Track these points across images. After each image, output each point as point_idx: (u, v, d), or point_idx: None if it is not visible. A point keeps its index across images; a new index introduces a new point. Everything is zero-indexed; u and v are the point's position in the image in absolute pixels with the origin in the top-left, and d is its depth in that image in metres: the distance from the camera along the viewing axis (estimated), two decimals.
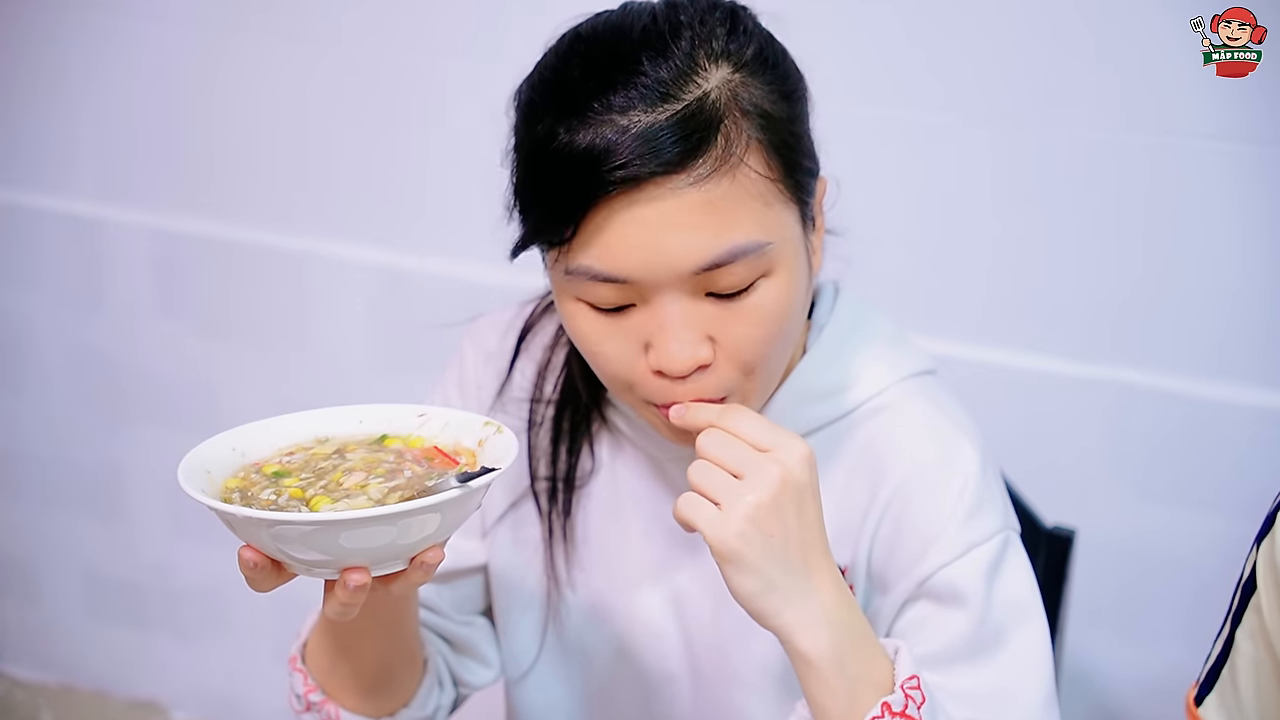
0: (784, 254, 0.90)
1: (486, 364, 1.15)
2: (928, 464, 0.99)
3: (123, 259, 2.15)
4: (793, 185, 0.90)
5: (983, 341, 1.71)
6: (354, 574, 0.80)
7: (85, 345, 2.23)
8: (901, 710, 0.85)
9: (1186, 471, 1.66)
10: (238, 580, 2.48)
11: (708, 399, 0.91)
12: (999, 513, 1.00)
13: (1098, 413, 1.68)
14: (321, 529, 0.78)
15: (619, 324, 0.91)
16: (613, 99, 0.85)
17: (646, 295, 0.89)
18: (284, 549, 0.80)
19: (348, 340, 2.06)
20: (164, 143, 2.07)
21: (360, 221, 2.01)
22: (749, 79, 0.89)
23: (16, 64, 2.11)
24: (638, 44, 0.87)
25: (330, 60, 1.93)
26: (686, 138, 0.84)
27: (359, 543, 0.79)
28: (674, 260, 0.86)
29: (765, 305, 0.89)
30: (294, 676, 1.05)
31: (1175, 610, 1.69)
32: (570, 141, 0.86)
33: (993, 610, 0.96)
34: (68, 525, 2.37)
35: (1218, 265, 1.59)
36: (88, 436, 2.29)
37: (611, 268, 0.87)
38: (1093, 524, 1.59)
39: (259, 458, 0.90)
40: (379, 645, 1.01)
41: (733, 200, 0.86)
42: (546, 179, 0.88)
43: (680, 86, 0.86)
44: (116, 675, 2.44)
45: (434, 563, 0.84)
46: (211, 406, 2.18)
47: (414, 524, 0.80)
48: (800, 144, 0.92)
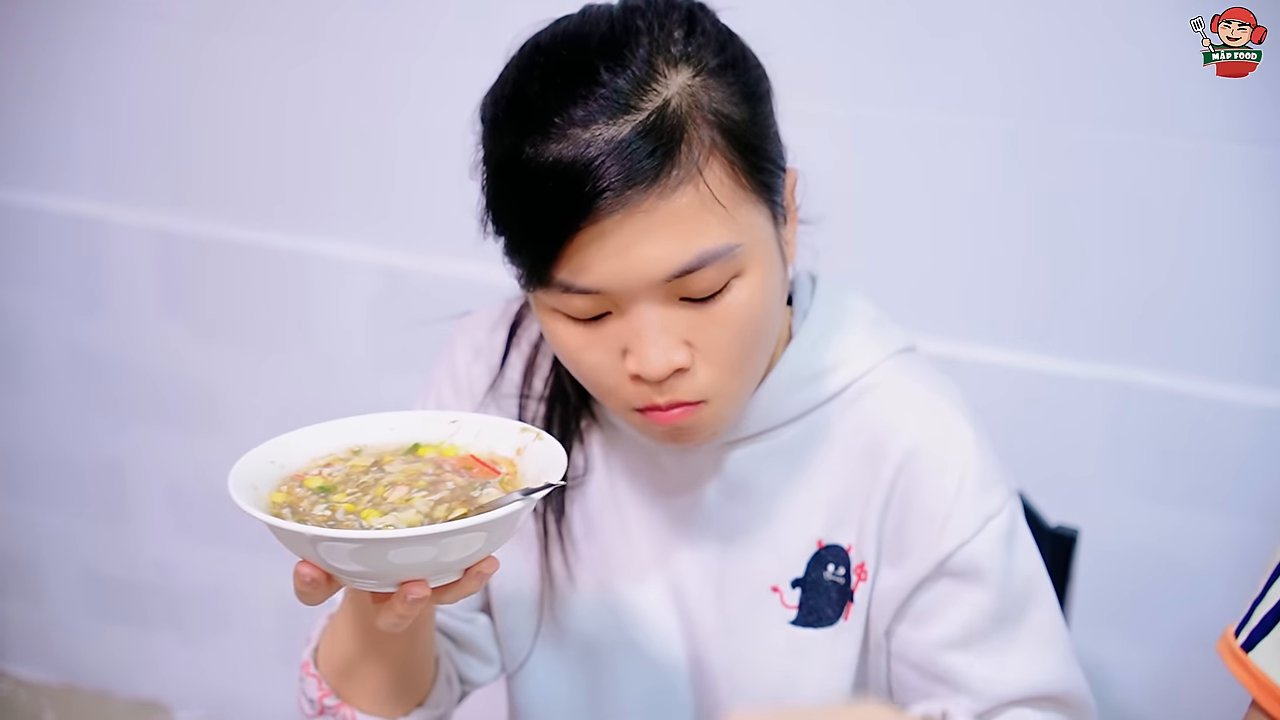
0: (754, 253, 0.91)
1: (477, 358, 1.15)
2: (927, 441, 1.00)
3: (123, 259, 2.15)
4: (759, 184, 0.91)
5: (987, 341, 1.70)
6: (414, 587, 0.81)
7: (86, 345, 2.23)
8: None
9: (1190, 471, 1.65)
10: (240, 580, 2.49)
11: (687, 402, 0.92)
12: (1002, 480, 1.02)
13: (1102, 413, 1.67)
14: (386, 545, 0.78)
15: (597, 332, 0.92)
16: (574, 112, 0.85)
17: (621, 304, 0.90)
18: (336, 564, 0.81)
19: (348, 340, 2.06)
20: (165, 142, 2.07)
21: (361, 221, 2.01)
22: (709, 81, 0.89)
23: (17, 63, 2.11)
24: (595, 53, 0.88)
25: (332, 60, 1.93)
26: (651, 153, 0.85)
27: (414, 558, 0.79)
28: (644, 271, 0.87)
29: (739, 305, 0.91)
30: (306, 681, 1.05)
31: (1179, 610, 1.69)
32: (535, 157, 0.86)
33: (1012, 582, 0.99)
34: (70, 525, 2.37)
35: (1222, 265, 1.59)
36: (89, 436, 2.29)
37: (585, 281, 0.88)
38: (1096, 524, 1.59)
39: (296, 469, 0.90)
40: (403, 648, 1.02)
41: (699, 207, 0.87)
42: (514, 197, 0.89)
43: (640, 96, 0.86)
44: (119, 675, 2.45)
45: (489, 572, 0.84)
46: (212, 406, 2.18)
47: (471, 540, 0.80)
48: (764, 142, 0.93)
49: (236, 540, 2.25)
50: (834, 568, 1.04)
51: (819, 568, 1.04)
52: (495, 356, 1.14)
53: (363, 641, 1.01)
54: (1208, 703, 1.64)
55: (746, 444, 1.05)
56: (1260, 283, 1.58)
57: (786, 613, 1.05)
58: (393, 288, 2.00)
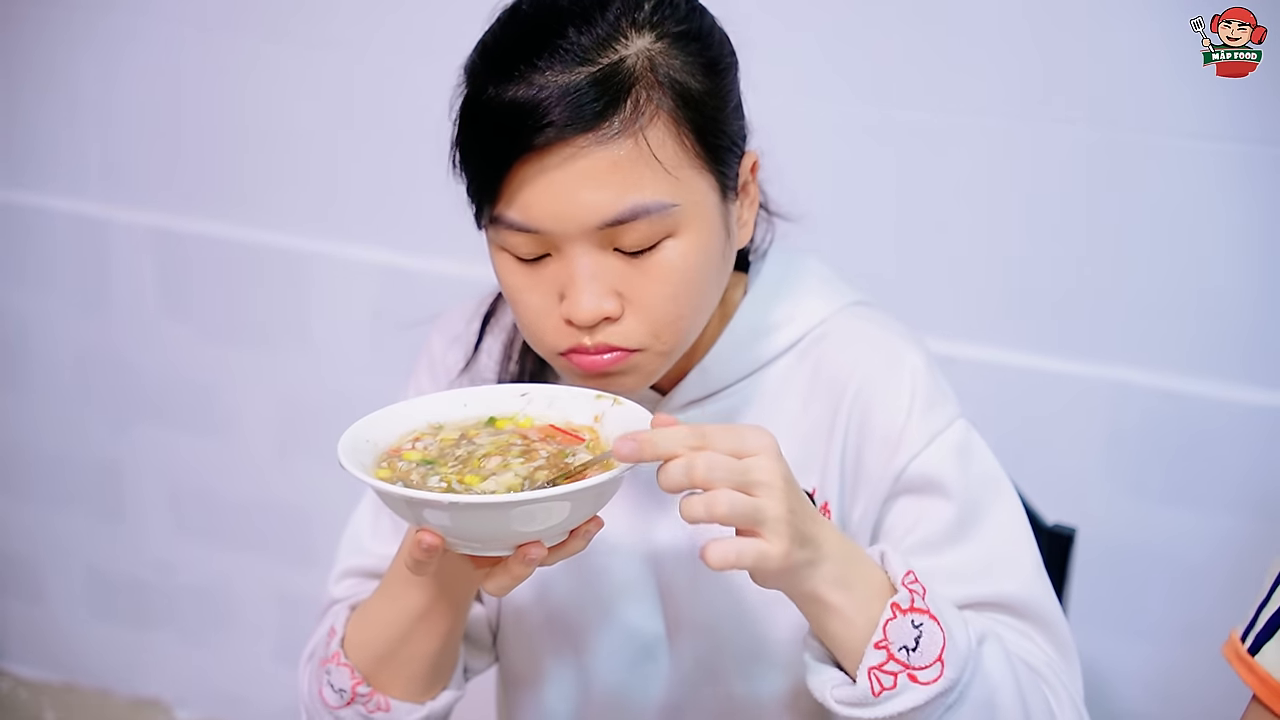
0: (691, 217, 0.94)
1: (453, 346, 1.19)
2: (876, 371, 1.04)
3: (127, 259, 2.16)
4: (706, 153, 0.94)
5: (984, 341, 1.71)
6: (532, 549, 0.85)
7: (90, 345, 2.24)
8: (909, 605, 0.89)
9: (1186, 470, 1.66)
10: (239, 579, 2.49)
11: (618, 348, 0.95)
12: (950, 403, 1.05)
13: (1098, 412, 1.68)
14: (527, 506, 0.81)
15: (538, 274, 0.96)
16: (536, 61, 0.91)
17: (559, 246, 0.94)
18: (464, 530, 0.84)
19: (351, 340, 2.07)
20: (169, 144, 2.08)
21: (364, 222, 2.01)
22: (670, 49, 0.94)
23: (24, 65, 2.11)
24: (567, 13, 0.93)
25: (334, 62, 1.93)
26: (596, 98, 0.90)
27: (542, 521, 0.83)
28: (580, 214, 0.91)
29: (670, 263, 0.94)
30: (335, 671, 1.06)
31: (1174, 608, 1.69)
32: (494, 97, 0.92)
33: (969, 489, 1.01)
34: (71, 524, 2.37)
35: (1221, 265, 1.59)
36: (92, 435, 2.30)
37: (525, 219, 0.93)
38: (1093, 523, 1.59)
39: (389, 447, 0.93)
40: (444, 631, 1.04)
41: (637, 162, 0.91)
42: (471, 134, 0.95)
43: (599, 52, 0.91)
44: (119, 674, 2.45)
45: (595, 531, 0.89)
46: (215, 406, 2.19)
47: (597, 496, 0.84)
48: (718, 115, 0.96)
49: (236, 539, 2.26)
50: None
51: None
52: (471, 343, 1.17)
53: (405, 625, 1.03)
54: (1205, 701, 1.64)
55: (705, 403, 1.08)
56: (1258, 282, 1.58)
57: None
58: (394, 288, 2.01)
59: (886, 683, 0.88)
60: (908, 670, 0.88)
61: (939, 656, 0.88)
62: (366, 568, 1.15)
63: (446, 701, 1.09)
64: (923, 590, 0.90)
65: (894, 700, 0.88)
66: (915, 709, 0.88)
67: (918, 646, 0.88)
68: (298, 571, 2.23)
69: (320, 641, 1.11)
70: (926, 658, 0.88)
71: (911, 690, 0.88)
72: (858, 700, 0.88)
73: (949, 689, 0.88)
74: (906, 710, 0.88)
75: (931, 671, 0.88)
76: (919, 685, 0.88)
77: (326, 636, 1.09)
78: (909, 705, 0.87)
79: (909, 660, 0.88)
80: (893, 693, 0.88)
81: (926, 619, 0.89)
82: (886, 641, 0.88)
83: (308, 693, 1.10)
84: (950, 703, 0.89)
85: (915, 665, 0.88)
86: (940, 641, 0.88)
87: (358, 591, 1.13)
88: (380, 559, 1.13)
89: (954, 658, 0.88)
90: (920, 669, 0.88)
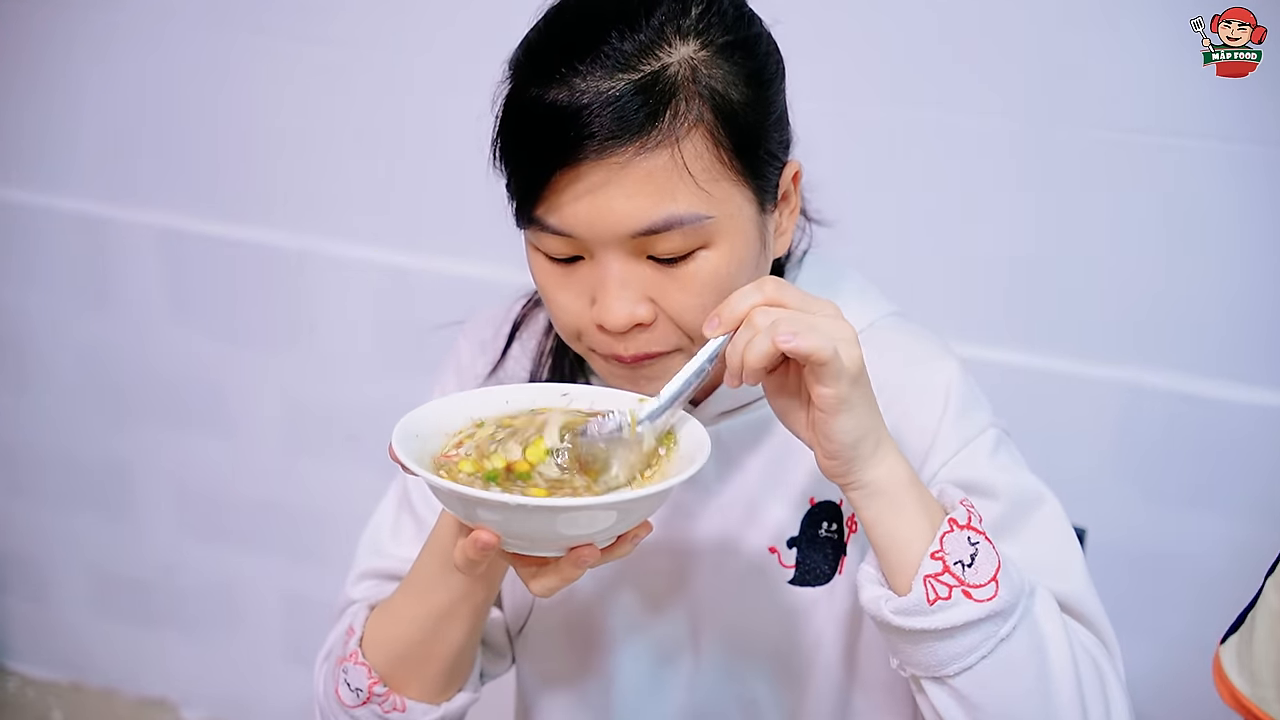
0: (726, 229, 0.93)
1: (482, 353, 1.18)
2: (911, 380, 1.04)
3: (129, 258, 2.16)
4: (745, 167, 0.93)
5: (996, 342, 1.71)
6: (585, 551, 0.86)
7: (92, 344, 2.24)
8: (966, 522, 0.89)
9: (1197, 472, 1.66)
10: (246, 578, 2.49)
11: (652, 353, 0.96)
12: (986, 410, 1.05)
13: (1109, 413, 1.68)
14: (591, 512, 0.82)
15: (571, 275, 0.95)
16: (577, 64, 0.90)
17: (593, 250, 0.93)
18: (522, 531, 0.84)
19: (354, 339, 2.07)
20: (171, 142, 2.08)
21: (367, 221, 2.01)
22: (714, 58, 0.92)
23: (24, 63, 2.11)
24: (611, 16, 0.91)
25: (337, 61, 1.93)
26: (636, 110, 0.88)
27: (596, 524, 0.84)
28: (613, 222, 0.90)
29: (703, 274, 0.93)
30: (353, 670, 1.06)
31: (1186, 611, 1.69)
32: (536, 99, 0.91)
33: (1012, 491, 1.01)
34: (76, 524, 2.38)
35: (1231, 266, 1.59)
36: (95, 435, 2.30)
37: (559, 223, 0.92)
38: (1103, 524, 1.59)
39: (435, 449, 0.93)
40: (465, 631, 1.04)
41: (673, 173, 0.90)
42: (512, 134, 0.94)
43: (640, 59, 0.90)
44: (125, 673, 2.46)
45: (644, 536, 0.89)
46: (218, 405, 2.19)
47: (650, 505, 0.85)
48: (759, 127, 0.94)
49: (242, 538, 2.26)
50: (827, 524, 1.06)
51: (813, 525, 1.06)
52: (499, 350, 1.17)
53: (427, 625, 1.03)
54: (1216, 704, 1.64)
55: (739, 413, 1.07)
56: (1270, 284, 1.59)
57: (784, 572, 1.07)
58: (399, 287, 2.01)
59: (941, 593, 0.87)
60: (962, 586, 0.87)
61: (994, 576, 0.88)
62: (386, 570, 1.15)
63: (462, 704, 1.09)
64: (979, 517, 0.90)
65: (948, 611, 0.87)
66: (969, 624, 0.87)
67: (973, 563, 0.88)
68: (304, 571, 2.23)
69: (338, 640, 1.11)
70: (981, 576, 0.87)
71: (965, 605, 0.87)
72: (911, 608, 0.87)
73: (1003, 611, 0.87)
74: (959, 624, 0.87)
75: (986, 590, 0.87)
76: (973, 602, 0.87)
77: (344, 635, 1.09)
78: (962, 619, 0.87)
79: (964, 575, 0.87)
80: (947, 603, 0.87)
81: (983, 540, 0.89)
82: (943, 553, 0.88)
83: (323, 692, 1.10)
84: (1003, 634, 0.88)
85: (970, 582, 0.87)
86: (995, 562, 0.88)
87: (376, 594, 1.13)
88: (400, 561, 1.13)
89: (1008, 582, 0.88)
90: (975, 586, 0.87)
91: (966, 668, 0.88)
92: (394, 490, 1.20)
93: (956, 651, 0.88)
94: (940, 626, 0.87)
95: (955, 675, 0.88)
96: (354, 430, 2.11)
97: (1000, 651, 0.88)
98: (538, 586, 0.89)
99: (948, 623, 0.87)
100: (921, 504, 0.90)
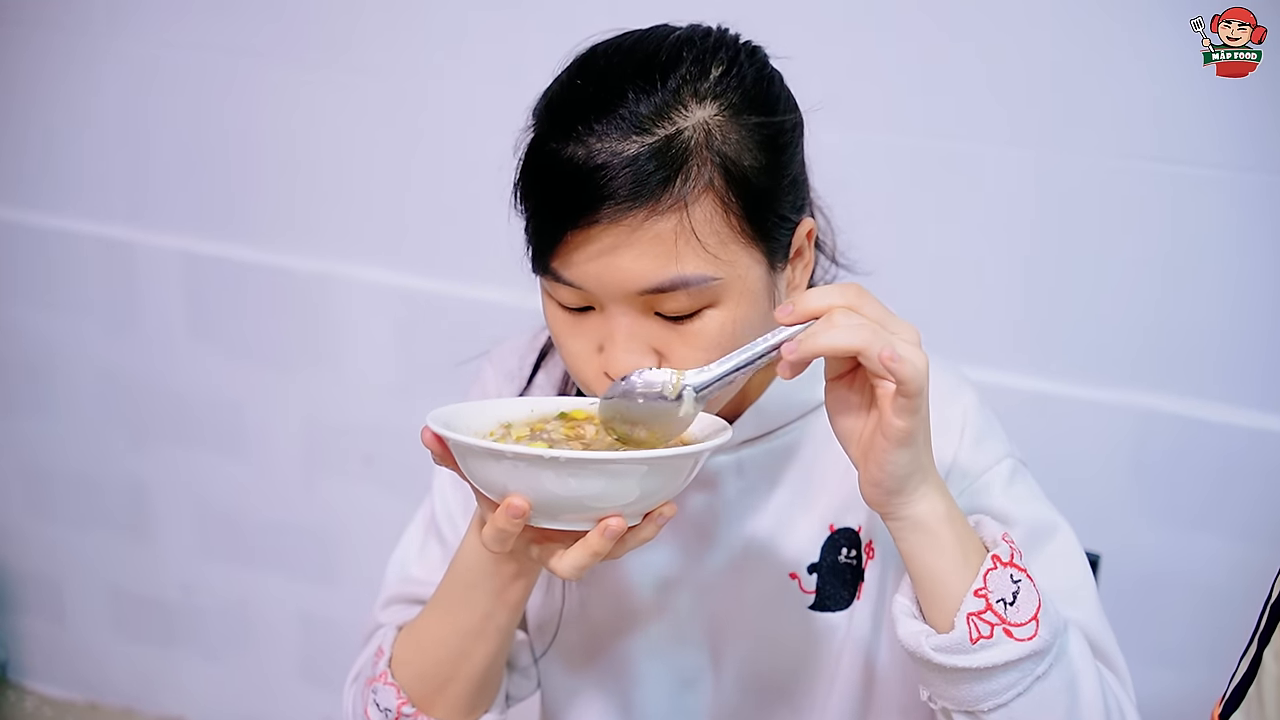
0: (734, 289, 0.93)
1: (508, 382, 1.19)
2: (930, 407, 1.02)
3: (152, 281, 2.18)
4: (755, 231, 0.93)
5: (1007, 367, 1.71)
6: (613, 521, 0.85)
7: (114, 366, 2.25)
8: (1009, 560, 0.89)
9: (1210, 496, 1.66)
10: (262, 598, 2.50)
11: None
12: (1002, 441, 1.05)
13: (1121, 438, 1.68)
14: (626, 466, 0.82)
15: (582, 323, 0.96)
16: (594, 124, 0.90)
17: (602, 303, 0.94)
18: (554, 490, 0.84)
19: (373, 362, 2.08)
20: (194, 167, 2.10)
21: (386, 245, 2.03)
22: (729, 122, 0.92)
23: (50, 90, 2.13)
24: (631, 75, 0.92)
25: (359, 87, 1.95)
26: (649, 176, 0.89)
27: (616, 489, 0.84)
28: (620, 280, 0.91)
29: (709, 331, 0.93)
30: (382, 690, 1.07)
31: (1199, 634, 1.69)
32: (553, 153, 0.92)
33: (1027, 519, 1.01)
34: (95, 544, 2.39)
35: (1239, 291, 1.60)
36: (115, 456, 2.31)
37: (569, 276, 0.93)
38: (1116, 549, 1.59)
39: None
40: (493, 649, 1.05)
41: (681, 236, 0.90)
42: (529, 184, 0.95)
43: (656, 121, 0.90)
44: (143, 693, 2.46)
45: (670, 515, 0.89)
46: (238, 427, 2.20)
47: (683, 466, 0.85)
48: (771, 194, 0.95)
49: (259, 558, 2.27)
50: (846, 550, 1.07)
51: (833, 552, 1.07)
52: (524, 379, 1.18)
53: (456, 643, 1.04)
54: None
55: (760, 442, 1.08)
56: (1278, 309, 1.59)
57: (805, 598, 1.08)
58: (418, 311, 2.02)
59: (984, 631, 0.87)
60: (1004, 624, 0.87)
61: (1034, 615, 0.88)
62: (414, 595, 1.16)
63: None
64: (1021, 553, 0.90)
65: (990, 651, 0.86)
66: (1009, 664, 0.87)
67: (1015, 602, 0.87)
68: (321, 591, 2.24)
69: (367, 662, 1.12)
70: (1023, 615, 0.87)
71: (1006, 644, 0.86)
72: (953, 646, 0.87)
73: (1041, 651, 0.87)
74: (1000, 664, 0.86)
75: (1027, 629, 0.87)
76: (1014, 641, 0.86)
77: (374, 657, 1.10)
78: (1004, 659, 0.86)
79: (1005, 614, 0.87)
80: (989, 642, 0.86)
81: (1024, 578, 0.89)
82: (986, 590, 0.87)
83: (352, 713, 1.11)
84: (1039, 673, 0.88)
85: (1012, 621, 0.87)
86: (1036, 601, 0.88)
87: (404, 618, 1.14)
88: (428, 586, 1.14)
89: (1048, 622, 0.88)
90: (1016, 625, 0.87)
91: (1001, 704, 0.88)
92: (421, 515, 1.21)
93: (994, 689, 0.88)
94: (982, 665, 0.87)
95: (989, 711, 0.89)
96: (371, 452, 2.12)
97: (1035, 689, 0.88)
98: (565, 566, 0.89)
99: (989, 661, 0.87)
100: (961, 540, 0.90)
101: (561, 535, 0.90)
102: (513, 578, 1.00)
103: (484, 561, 0.99)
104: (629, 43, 0.97)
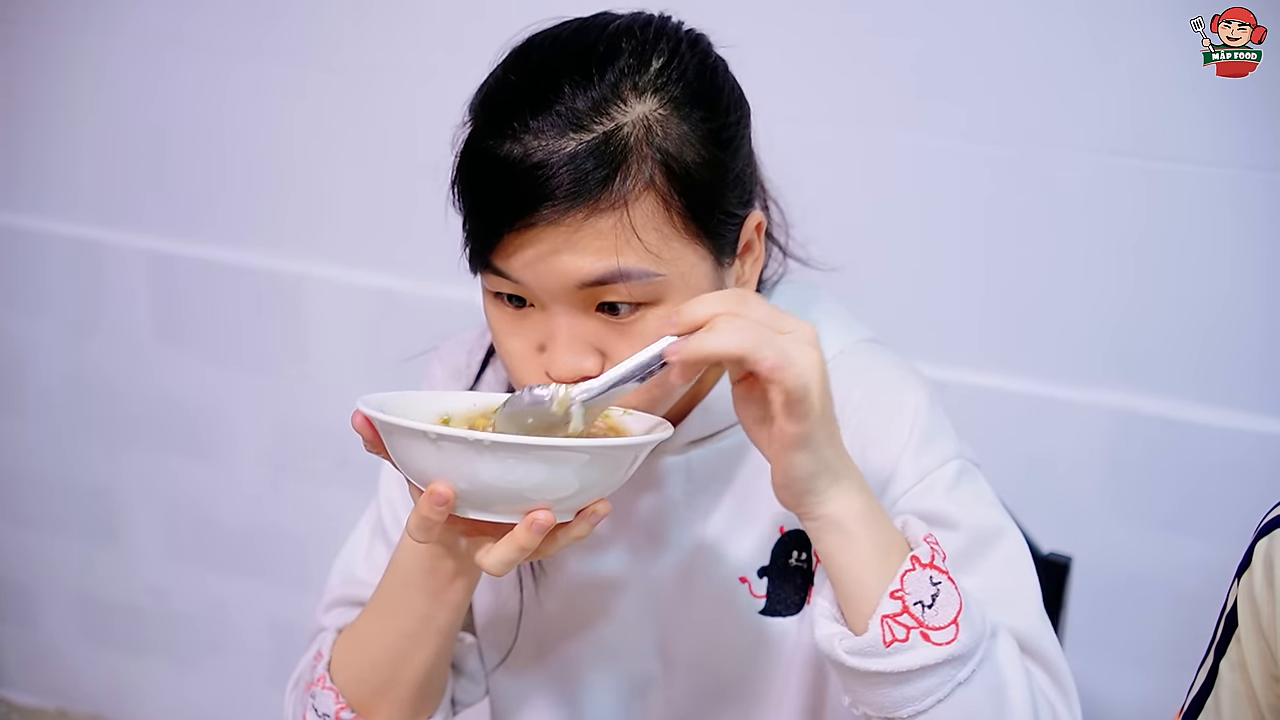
0: (678, 286, 0.92)
1: (455, 379, 1.17)
2: (876, 409, 1.02)
3: (122, 283, 2.16)
4: (699, 228, 0.92)
5: (980, 367, 1.71)
6: (540, 515, 0.83)
7: (83, 369, 2.23)
8: (929, 561, 0.87)
9: (1183, 498, 1.65)
10: (233, 604, 2.48)
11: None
12: (951, 442, 1.02)
13: (1094, 438, 1.67)
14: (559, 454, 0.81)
15: (523, 321, 0.95)
16: (530, 120, 0.89)
17: (543, 301, 0.93)
18: (482, 477, 0.82)
19: (343, 363, 2.07)
20: (163, 167, 2.08)
21: (359, 245, 2.01)
22: (671, 116, 0.90)
23: (17, 88, 2.12)
24: (567, 68, 0.90)
25: (329, 85, 1.94)
26: (588, 174, 0.87)
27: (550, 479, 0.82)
28: (558, 277, 0.90)
29: (651, 331, 0.91)
30: (320, 695, 1.05)
31: (1171, 637, 1.68)
32: (489, 150, 0.90)
33: (971, 523, 0.98)
34: (65, 549, 2.37)
35: (1215, 290, 1.59)
36: (85, 460, 2.29)
37: (509, 272, 0.92)
38: (1089, 551, 1.59)
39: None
40: (433, 650, 1.02)
41: (621, 231, 0.89)
42: (466, 182, 0.94)
43: (593, 117, 0.89)
44: (113, 699, 2.44)
45: (604, 514, 0.87)
46: (209, 430, 2.19)
47: (620, 459, 0.84)
48: (715, 186, 0.93)
49: (230, 564, 2.25)
50: (797, 554, 1.05)
51: (784, 554, 1.05)
52: (472, 376, 1.16)
53: (395, 645, 1.02)
54: None
55: (709, 441, 1.06)
56: (1260, 309, 1.58)
57: (755, 602, 1.06)
58: (390, 312, 2.01)
59: (899, 634, 0.85)
60: (921, 627, 0.85)
61: (954, 619, 0.85)
62: (358, 597, 1.14)
63: None
64: (943, 555, 0.88)
65: (904, 654, 0.84)
66: (925, 668, 0.84)
67: (933, 604, 0.85)
68: (292, 596, 2.22)
69: (306, 666, 1.10)
70: (942, 618, 0.85)
71: (923, 648, 0.84)
72: (866, 649, 0.85)
73: (962, 656, 0.85)
74: (915, 668, 0.84)
75: (946, 633, 0.85)
76: (931, 645, 0.84)
77: (313, 661, 1.08)
78: (919, 663, 0.84)
79: (923, 617, 0.85)
80: (904, 645, 0.84)
81: (945, 580, 0.86)
82: (903, 592, 0.85)
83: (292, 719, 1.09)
84: (961, 678, 0.85)
85: (929, 624, 0.85)
86: (956, 605, 0.86)
87: (347, 620, 1.12)
88: (372, 589, 1.12)
89: (969, 626, 0.86)
90: (934, 629, 0.85)
91: (921, 711, 0.86)
92: (368, 517, 1.19)
93: (912, 695, 0.85)
94: (895, 669, 0.85)
95: (909, 718, 0.86)
96: (344, 455, 2.10)
97: (957, 695, 0.85)
98: (491, 561, 0.86)
99: (903, 665, 0.84)
100: (881, 540, 0.87)
101: (493, 529, 0.87)
102: (451, 577, 0.97)
103: (421, 560, 0.97)
104: (567, 34, 0.95)
